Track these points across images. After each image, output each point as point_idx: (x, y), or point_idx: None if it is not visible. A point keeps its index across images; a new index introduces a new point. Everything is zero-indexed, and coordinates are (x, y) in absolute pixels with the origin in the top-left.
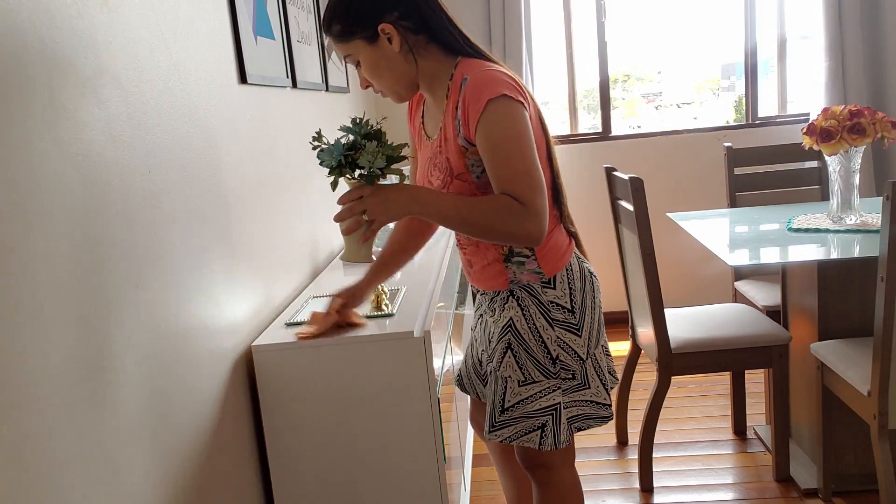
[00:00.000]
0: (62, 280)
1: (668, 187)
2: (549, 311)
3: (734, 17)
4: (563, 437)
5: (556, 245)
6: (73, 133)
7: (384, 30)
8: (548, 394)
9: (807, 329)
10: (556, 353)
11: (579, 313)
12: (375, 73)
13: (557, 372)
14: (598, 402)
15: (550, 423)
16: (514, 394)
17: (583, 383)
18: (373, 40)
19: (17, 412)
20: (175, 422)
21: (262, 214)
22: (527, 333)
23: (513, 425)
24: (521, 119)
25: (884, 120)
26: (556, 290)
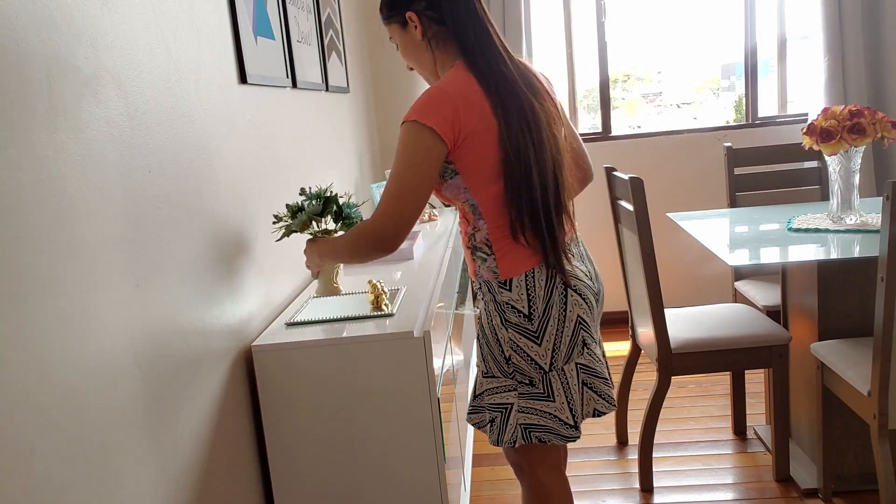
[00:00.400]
0: (62, 279)
1: (668, 187)
2: (504, 312)
3: (734, 17)
4: (507, 436)
5: (515, 252)
6: (73, 133)
7: (410, 17)
8: (503, 392)
9: (807, 329)
10: (509, 354)
11: (538, 320)
12: (406, 56)
13: (512, 373)
14: (560, 419)
15: (498, 420)
16: (480, 383)
17: (545, 394)
18: (404, 25)
19: (16, 412)
20: (175, 421)
21: (262, 214)
22: (488, 328)
23: (480, 412)
24: (416, 145)
25: (884, 120)
26: (511, 292)
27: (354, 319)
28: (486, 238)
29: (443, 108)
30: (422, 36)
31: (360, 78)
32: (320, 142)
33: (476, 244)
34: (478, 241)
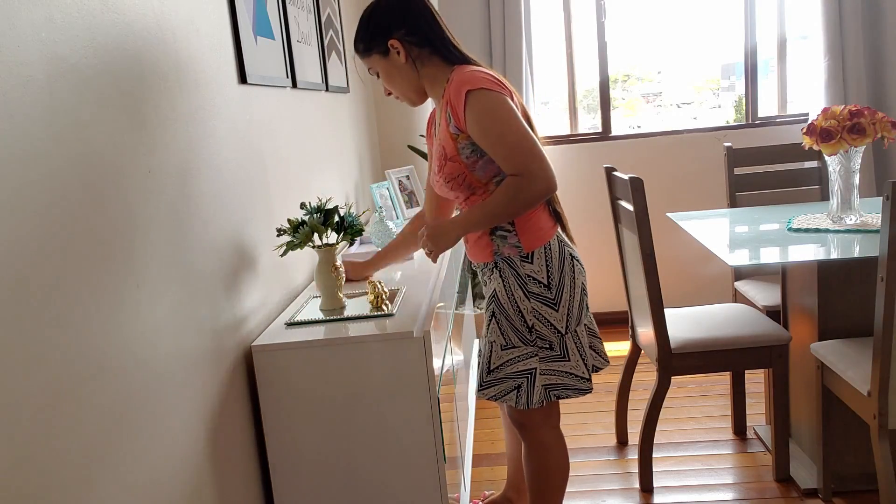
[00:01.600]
0: (62, 279)
1: (668, 187)
2: (526, 284)
3: (734, 17)
4: (535, 399)
5: (537, 224)
6: (73, 133)
7: (393, 45)
8: (525, 359)
9: (807, 329)
10: (532, 322)
11: (556, 290)
12: (390, 82)
13: (534, 340)
14: (577, 375)
15: (525, 385)
16: (498, 357)
17: (562, 355)
18: (385, 54)
19: (16, 412)
20: (175, 421)
21: (261, 214)
22: (507, 303)
23: (496, 385)
24: (501, 102)
25: (884, 120)
26: (533, 264)
27: (354, 319)
28: None
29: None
30: (406, 59)
31: (360, 78)
32: (320, 142)
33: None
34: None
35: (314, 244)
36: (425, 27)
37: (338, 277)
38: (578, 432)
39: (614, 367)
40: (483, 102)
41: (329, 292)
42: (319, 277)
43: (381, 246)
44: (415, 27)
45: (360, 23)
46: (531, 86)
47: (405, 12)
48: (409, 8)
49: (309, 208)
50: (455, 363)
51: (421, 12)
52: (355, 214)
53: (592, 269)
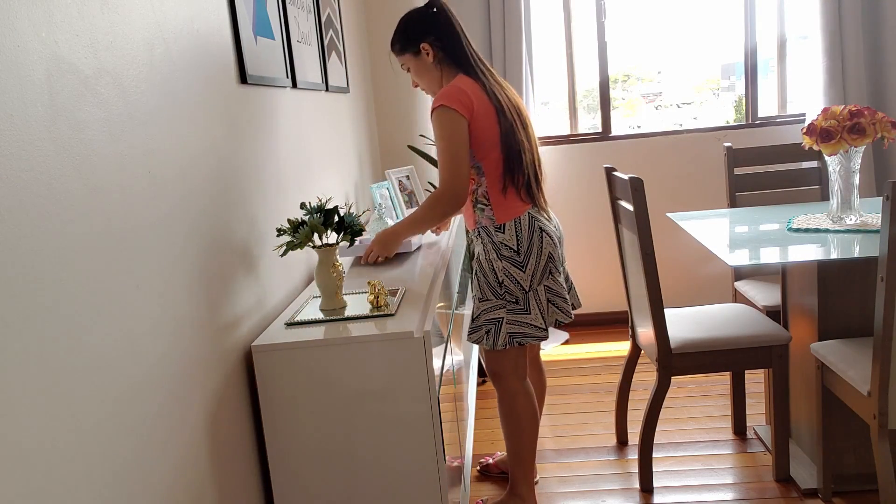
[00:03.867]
0: (62, 279)
1: (668, 187)
2: (500, 249)
3: (734, 17)
4: (500, 342)
5: (508, 202)
6: (73, 133)
7: (424, 47)
8: (495, 310)
9: (807, 329)
10: (502, 279)
11: (524, 255)
12: (419, 76)
13: (503, 294)
14: (535, 326)
15: (493, 330)
16: (477, 308)
17: (525, 309)
18: (417, 54)
19: (16, 412)
20: (175, 421)
21: (261, 214)
22: (485, 263)
23: (477, 331)
24: (447, 124)
25: (884, 120)
26: (504, 234)
27: (354, 319)
28: (486, 192)
29: (461, 97)
30: (432, 60)
31: (360, 78)
32: (320, 142)
33: (478, 198)
34: (479, 195)
35: (314, 244)
36: (448, 38)
37: (338, 277)
38: (578, 432)
39: (614, 367)
40: (437, 118)
41: (329, 292)
42: (319, 277)
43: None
44: (441, 36)
45: (399, 26)
46: (531, 86)
47: (435, 24)
48: (439, 21)
49: (309, 208)
50: (455, 363)
51: (446, 26)
52: (355, 214)
53: (592, 269)
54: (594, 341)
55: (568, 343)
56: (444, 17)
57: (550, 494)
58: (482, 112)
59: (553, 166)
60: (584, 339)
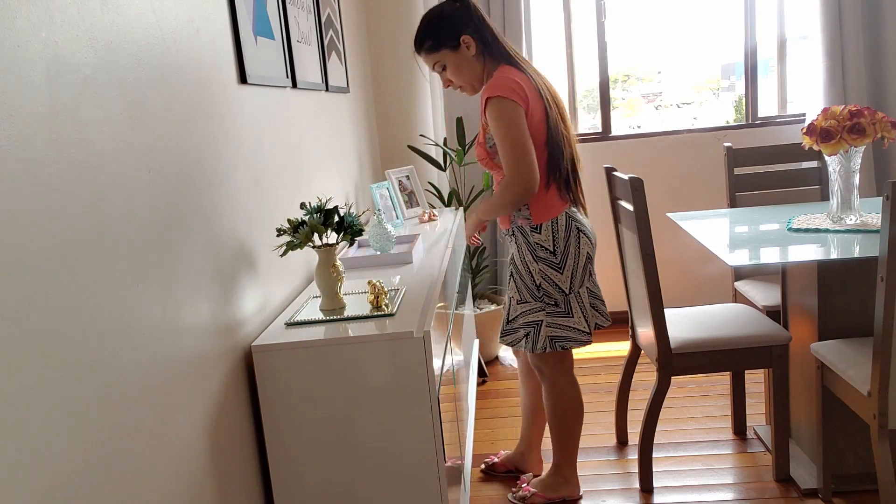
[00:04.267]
0: (62, 279)
1: (668, 187)
2: (535, 250)
3: (734, 17)
4: (539, 345)
5: (546, 202)
6: (73, 133)
7: (465, 40)
8: (534, 312)
9: (807, 329)
10: (539, 282)
11: (561, 256)
12: (458, 73)
13: (541, 297)
14: (578, 329)
15: (532, 334)
16: (514, 310)
17: (566, 312)
18: (455, 49)
19: (16, 412)
20: (175, 421)
21: (261, 214)
22: (521, 265)
23: (513, 333)
24: (507, 113)
25: (884, 120)
26: (541, 234)
27: (354, 319)
28: None
29: (516, 89)
30: (476, 52)
31: (360, 78)
32: (320, 142)
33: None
34: None
35: (314, 244)
36: (484, 29)
37: (338, 277)
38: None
39: (614, 367)
40: (496, 109)
41: (329, 292)
42: (319, 277)
43: (379, 250)
44: (477, 27)
45: (429, 22)
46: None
47: (470, 15)
48: (471, 13)
49: (309, 208)
50: (455, 363)
51: (478, 17)
52: (355, 214)
53: None
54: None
55: None
56: (473, 7)
57: None
58: (534, 106)
59: None
60: None
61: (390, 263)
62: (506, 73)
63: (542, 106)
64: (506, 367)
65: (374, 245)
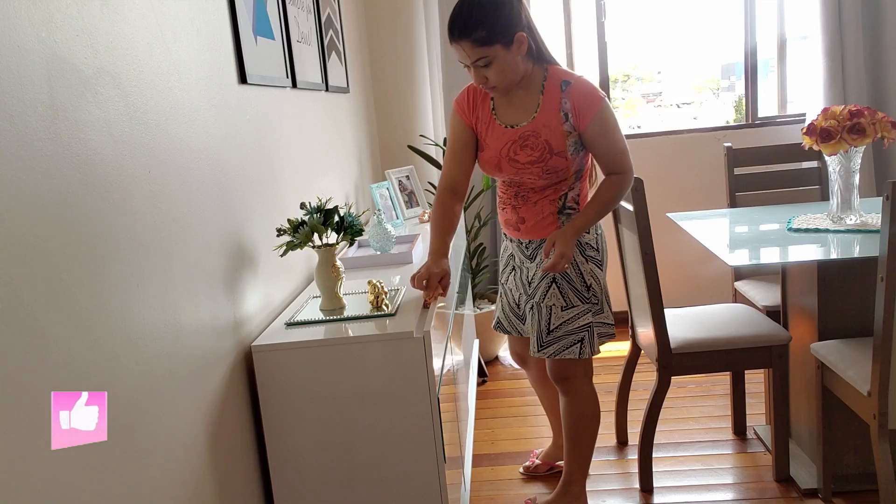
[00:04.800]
0: (62, 280)
1: (668, 187)
2: (585, 250)
3: (734, 17)
4: (596, 348)
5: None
6: (73, 133)
7: (520, 38)
8: (583, 315)
9: (807, 329)
10: (590, 282)
11: (601, 253)
12: (501, 70)
13: (589, 297)
14: (608, 323)
15: (587, 337)
16: (558, 318)
17: (601, 308)
18: (508, 45)
19: (16, 412)
20: (175, 421)
21: (261, 214)
22: (571, 268)
23: (557, 342)
24: (613, 113)
25: (884, 120)
26: (589, 234)
27: (354, 319)
28: (576, 196)
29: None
30: (527, 52)
31: (360, 78)
32: (320, 142)
33: (566, 203)
34: (569, 199)
35: (314, 244)
36: (534, 28)
37: (338, 277)
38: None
39: (614, 367)
40: (607, 109)
41: (329, 292)
42: (319, 277)
43: (379, 250)
44: (529, 28)
45: (486, 12)
46: None
47: (523, 14)
48: (523, 12)
49: (309, 208)
50: (455, 363)
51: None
52: (355, 214)
53: None
54: None
55: None
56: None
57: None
58: None
59: None
60: None
61: (390, 263)
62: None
63: None
64: (506, 368)
65: (374, 245)
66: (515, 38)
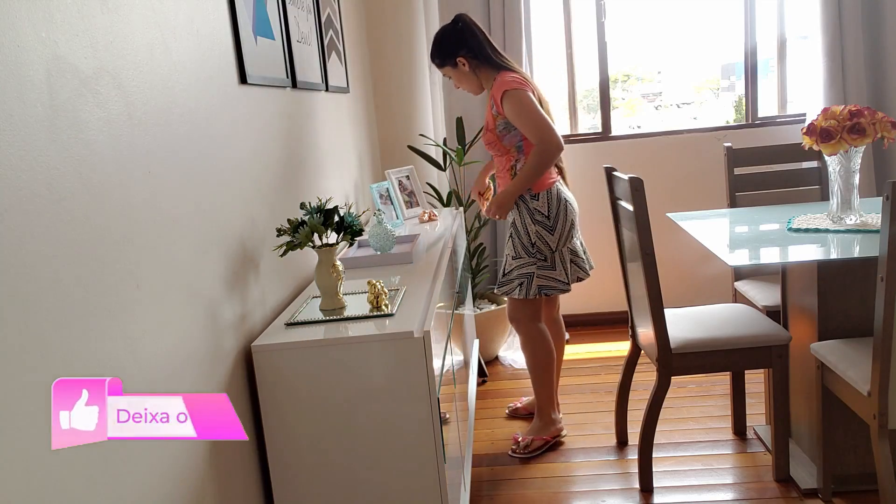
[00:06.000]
0: (62, 280)
1: (668, 187)
2: (533, 214)
3: (734, 17)
4: (531, 293)
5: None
6: (73, 133)
7: (460, 61)
8: (527, 266)
9: (807, 329)
10: (535, 240)
11: (553, 220)
12: (460, 82)
13: (534, 253)
14: (561, 281)
15: (525, 283)
16: (510, 264)
17: (552, 266)
18: (455, 66)
19: (16, 413)
20: None
21: (261, 214)
22: (521, 227)
23: (507, 284)
24: (524, 96)
25: (884, 120)
26: (539, 201)
27: (354, 319)
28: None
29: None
30: (469, 69)
31: (360, 78)
32: (320, 142)
33: (517, 172)
34: (518, 169)
35: (314, 244)
36: (478, 48)
37: (337, 277)
38: (578, 432)
39: (614, 367)
40: (513, 97)
41: (329, 292)
42: (319, 277)
43: (379, 250)
44: (472, 49)
45: (434, 44)
46: None
47: (465, 39)
48: (466, 37)
49: (309, 208)
50: (455, 363)
51: (474, 37)
52: (355, 214)
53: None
54: (594, 341)
55: (568, 343)
56: (469, 31)
57: (551, 494)
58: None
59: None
60: (584, 339)
61: (390, 263)
62: (507, 75)
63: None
64: (506, 368)
65: (374, 245)
66: (458, 61)
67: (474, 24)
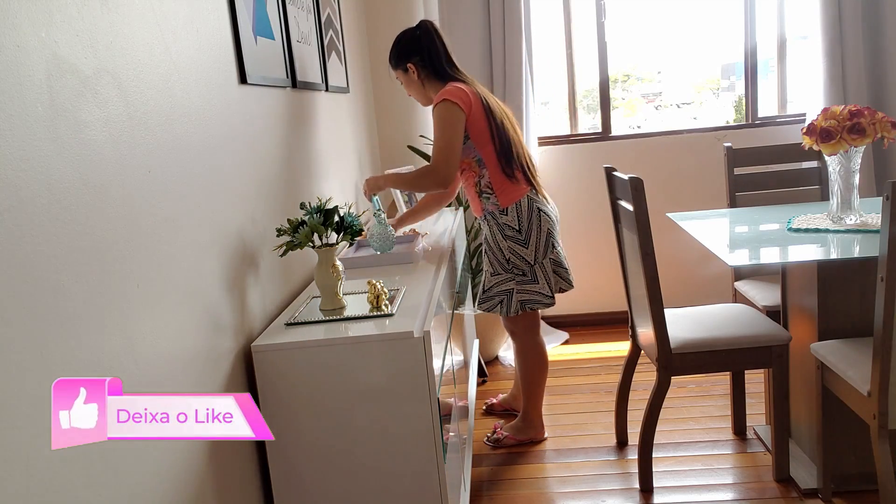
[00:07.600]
0: (62, 280)
1: (668, 187)
2: (504, 230)
3: (734, 17)
4: (512, 309)
5: (509, 189)
6: (73, 133)
7: (409, 67)
8: (505, 283)
9: (807, 329)
10: (509, 256)
11: (525, 233)
12: (408, 88)
13: (510, 269)
14: (543, 294)
15: (506, 300)
16: (488, 281)
17: (533, 279)
18: (405, 71)
19: (16, 413)
20: None
21: (261, 214)
22: (493, 243)
23: (488, 302)
24: (450, 116)
25: (884, 120)
26: (507, 216)
27: (354, 319)
28: (489, 182)
29: (461, 95)
30: (417, 77)
31: (360, 78)
32: (320, 142)
33: (482, 188)
34: (482, 185)
35: (314, 244)
36: (430, 58)
37: (337, 277)
38: (578, 432)
39: (614, 367)
40: (441, 110)
41: (329, 292)
42: (319, 277)
43: (379, 250)
44: (424, 57)
45: (393, 45)
46: (531, 86)
47: (419, 47)
48: (422, 44)
49: (309, 208)
50: (455, 363)
51: (429, 47)
52: (355, 215)
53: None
54: (594, 341)
55: (568, 343)
56: (429, 38)
57: (550, 494)
58: (477, 109)
59: (553, 166)
60: (584, 339)
61: (390, 263)
62: (454, 85)
63: (482, 109)
64: (506, 368)
65: (374, 245)
66: (408, 66)
67: (436, 32)
